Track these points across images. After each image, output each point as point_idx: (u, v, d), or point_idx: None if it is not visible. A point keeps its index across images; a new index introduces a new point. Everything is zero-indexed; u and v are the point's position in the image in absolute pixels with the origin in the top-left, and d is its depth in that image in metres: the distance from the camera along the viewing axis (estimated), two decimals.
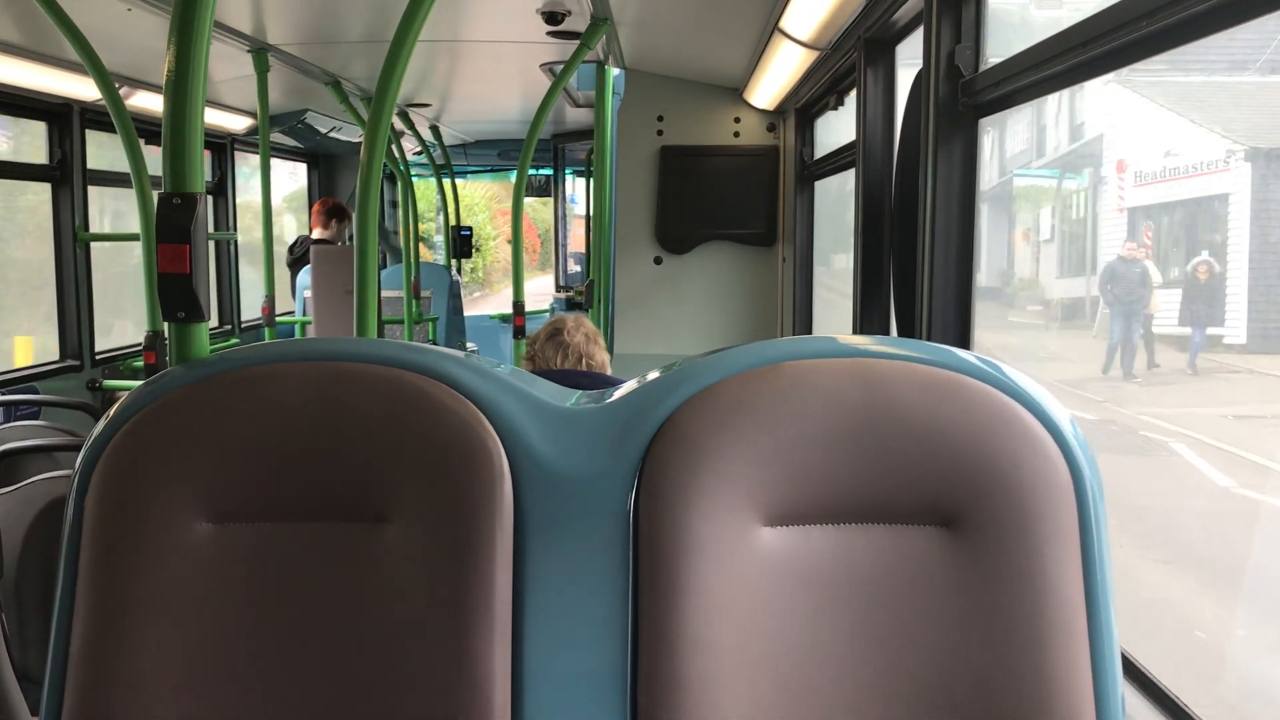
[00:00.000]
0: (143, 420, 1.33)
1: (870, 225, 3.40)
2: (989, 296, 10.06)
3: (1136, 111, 8.33)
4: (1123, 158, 8.37)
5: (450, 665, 1.27)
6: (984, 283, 9.54)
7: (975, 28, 2.41)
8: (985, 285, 9.76)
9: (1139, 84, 8.22)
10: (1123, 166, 8.34)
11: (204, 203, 1.51)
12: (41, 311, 5.43)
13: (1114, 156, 8.62)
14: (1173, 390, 8.62)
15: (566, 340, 2.90)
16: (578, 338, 2.92)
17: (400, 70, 2.38)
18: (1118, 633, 1.28)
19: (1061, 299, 9.85)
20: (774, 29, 3.85)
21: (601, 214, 5.19)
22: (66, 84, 4.76)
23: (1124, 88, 8.23)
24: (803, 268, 5.16)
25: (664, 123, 5.38)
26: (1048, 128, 9.80)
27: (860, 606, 1.28)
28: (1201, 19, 1.51)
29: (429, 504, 1.30)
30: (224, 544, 1.31)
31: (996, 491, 1.27)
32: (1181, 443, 7.39)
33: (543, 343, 2.94)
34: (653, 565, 1.27)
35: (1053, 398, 1.32)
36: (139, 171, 4.00)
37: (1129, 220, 8.66)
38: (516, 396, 1.36)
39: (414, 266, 6.62)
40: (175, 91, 1.49)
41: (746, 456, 1.28)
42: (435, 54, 5.08)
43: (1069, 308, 9.70)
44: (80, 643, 1.29)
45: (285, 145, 8.01)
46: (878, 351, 1.34)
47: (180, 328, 1.51)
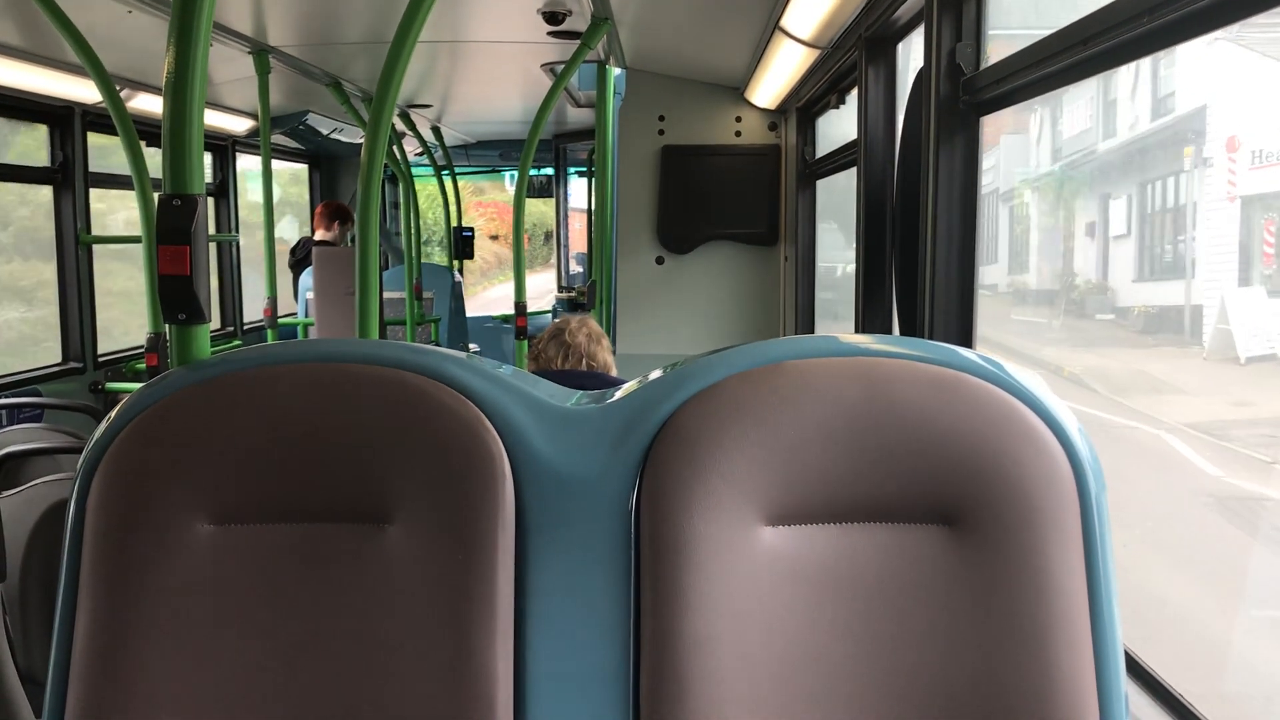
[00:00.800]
0: (144, 422, 1.33)
1: (872, 224, 3.40)
2: (1042, 301, 9.06)
3: (1255, 76, 6.39)
4: (1234, 134, 6.62)
5: (452, 665, 1.27)
6: (1034, 284, 9.03)
7: (976, 26, 2.41)
8: (1037, 288, 9.00)
9: (1257, 41, 6.26)
10: (1235, 144, 6.60)
11: (204, 204, 1.51)
12: None
13: (1221, 132, 6.80)
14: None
15: (568, 341, 2.91)
16: (579, 338, 2.92)
17: (401, 71, 2.38)
18: (1120, 630, 1.28)
19: (1144, 308, 7.87)
20: (775, 28, 3.85)
21: (603, 214, 5.19)
22: (67, 86, 4.76)
23: (1237, 46, 6.28)
24: (805, 267, 5.16)
25: (665, 122, 5.38)
26: (1119, 102, 8.02)
27: (863, 606, 1.28)
28: (1201, 15, 1.51)
29: (431, 505, 1.30)
30: (226, 545, 1.32)
31: (999, 490, 1.27)
32: None
33: (545, 343, 2.94)
34: (654, 565, 1.27)
35: (1055, 396, 1.32)
36: (140, 173, 4.00)
37: (1242, 211, 6.79)
38: (518, 397, 1.36)
39: (416, 267, 6.63)
40: (175, 93, 1.49)
41: (748, 456, 1.28)
42: (436, 54, 5.09)
43: (1158, 319, 7.67)
44: (83, 644, 1.29)
45: (286, 146, 8.02)
46: (880, 350, 1.34)
47: (181, 330, 1.51)
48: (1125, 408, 6.77)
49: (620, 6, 3.95)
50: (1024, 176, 9.02)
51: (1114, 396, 5.93)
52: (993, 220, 9.17)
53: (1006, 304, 9.05)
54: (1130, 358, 7.76)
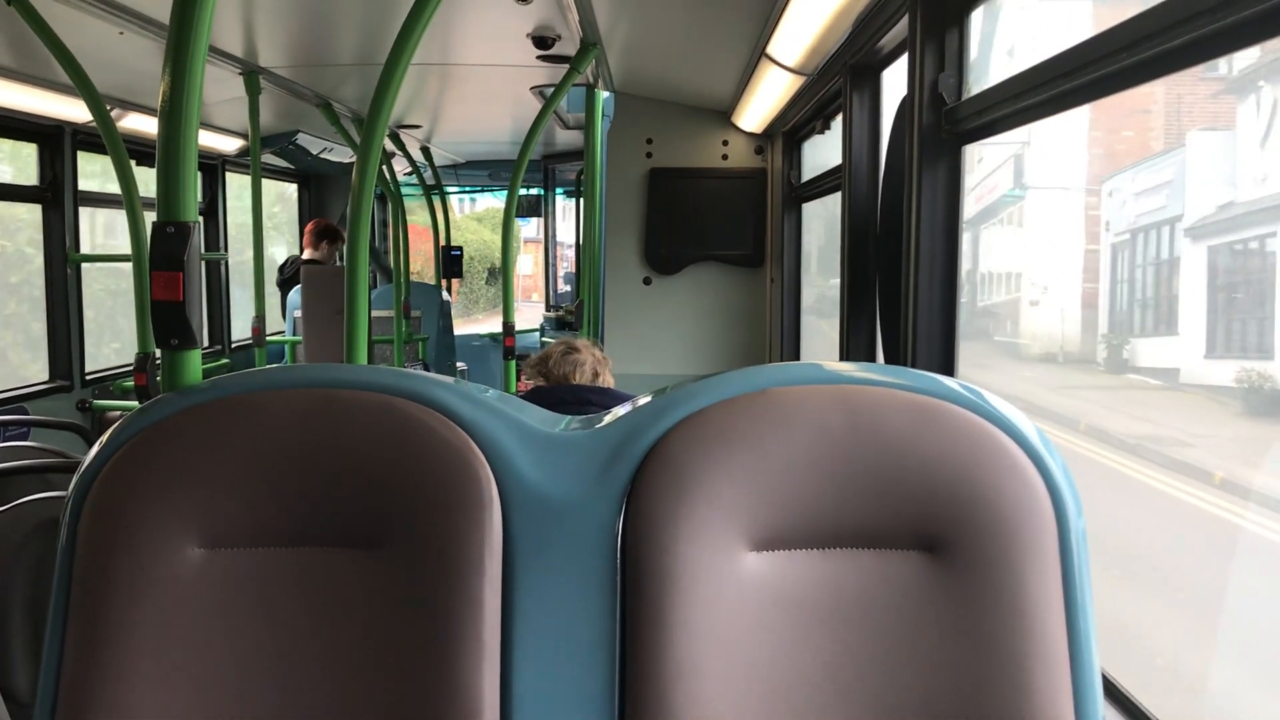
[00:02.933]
0: (136, 446, 1.35)
1: (855, 250, 3.43)
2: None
3: None
4: None
5: (440, 690, 1.28)
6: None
7: (959, 56, 2.45)
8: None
9: None
10: None
11: (198, 230, 1.52)
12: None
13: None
14: None
15: (581, 359, 2.94)
16: (589, 358, 2.95)
17: (392, 92, 2.40)
18: (1098, 656, 1.30)
19: None
20: (761, 54, 3.89)
21: (591, 235, 5.22)
22: (58, 106, 4.77)
23: None
24: (790, 289, 5.19)
25: (653, 145, 5.42)
26: None
27: (845, 631, 1.29)
28: (1182, 51, 1.54)
29: (419, 529, 1.32)
30: (216, 570, 1.33)
31: (979, 517, 1.29)
32: None
33: (558, 357, 2.96)
34: (640, 590, 1.29)
35: (1033, 425, 1.35)
36: (130, 193, 4.01)
37: None
38: (505, 422, 1.37)
39: (404, 287, 6.64)
40: (169, 120, 1.51)
41: (733, 482, 1.30)
42: (426, 77, 5.11)
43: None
44: (73, 666, 1.30)
45: (276, 166, 8.03)
46: (862, 378, 1.36)
47: (173, 354, 1.52)
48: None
49: (609, 32, 3.99)
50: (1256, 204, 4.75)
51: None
52: (1164, 270, 5.72)
53: (1214, 405, 5.08)
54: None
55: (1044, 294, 8.32)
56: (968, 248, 7.74)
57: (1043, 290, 8.33)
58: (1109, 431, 6.20)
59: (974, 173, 8.39)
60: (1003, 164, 8.54)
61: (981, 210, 8.91)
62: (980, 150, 5.36)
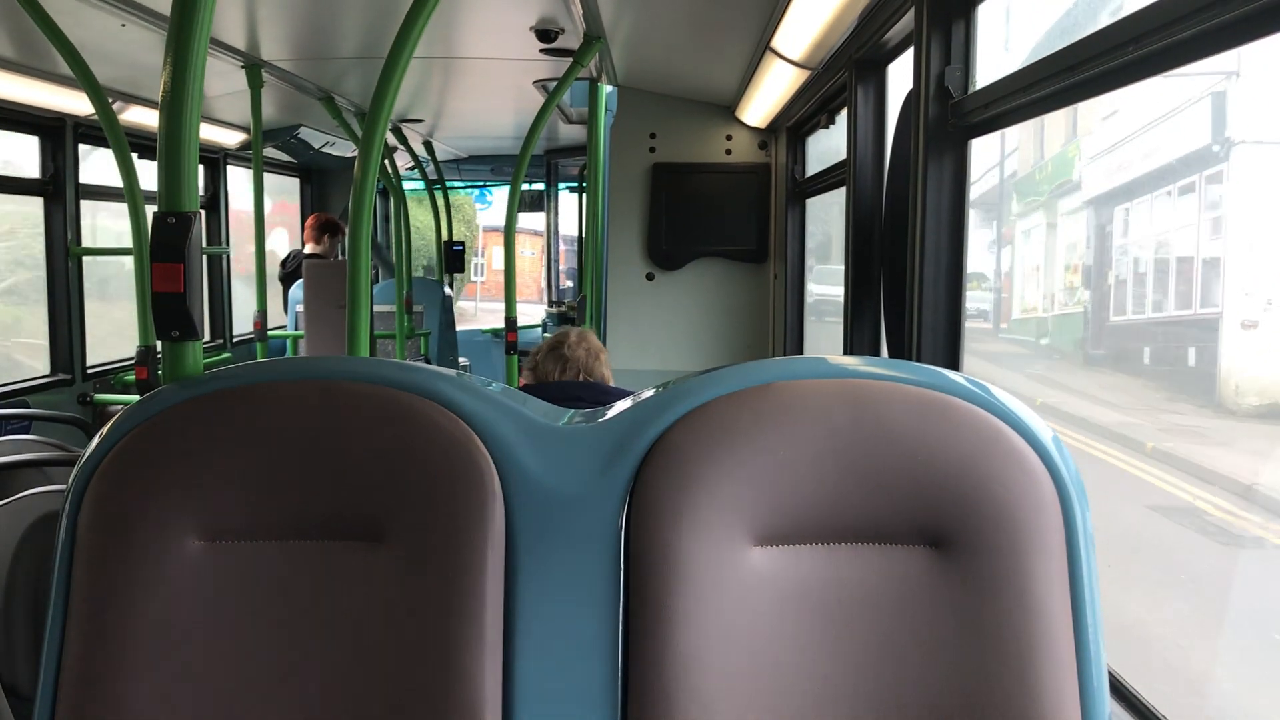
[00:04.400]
0: (136, 439, 1.34)
1: (860, 245, 3.42)
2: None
3: None
4: None
5: (441, 683, 1.27)
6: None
7: (965, 49, 2.44)
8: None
9: None
10: None
11: (199, 221, 1.51)
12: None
13: None
14: None
15: (567, 355, 2.91)
16: (579, 352, 2.92)
17: (394, 86, 2.39)
18: (1104, 651, 1.29)
19: None
20: (766, 48, 3.88)
21: (594, 230, 5.21)
22: (60, 99, 4.77)
23: None
24: (794, 285, 5.18)
25: (656, 139, 5.41)
26: None
27: (849, 626, 1.29)
28: (1189, 44, 1.53)
29: (421, 522, 1.31)
30: (217, 562, 1.32)
31: (984, 512, 1.28)
32: None
33: (544, 355, 2.94)
34: (643, 584, 1.28)
35: (1040, 419, 1.34)
36: (131, 186, 4.00)
37: None
38: (509, 415, 1.37)
39: (406, 281, 6.64)
40: (171, 111, 1.50)
41: (737, 476, 1.29)
42: (429, 70, 5.10)
43: None
44: (73, 660, 1.29)
45: (278, 160, 8.02)
46: (867, 372, 1.36)
47: (174, 346, 1.52)
48: None
49: (613, 25, 3.98)
50: None
51: None
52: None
53: None
54: None
55: (1268, 309, 4.85)
56: (1103, 227, 6.09)
57: (1265, 304, 4.88)
58: None
59: (1110, 119, 6.06)
60: (1180, 109, 5.17)
61: (1135, 179, 5.91)
62: (1128, 95, 3.72)
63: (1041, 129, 7.32)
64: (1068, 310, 7.22)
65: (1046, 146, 7.55)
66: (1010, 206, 7.85)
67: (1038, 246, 7.89)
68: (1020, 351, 7.62)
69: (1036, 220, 7.94)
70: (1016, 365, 7.37)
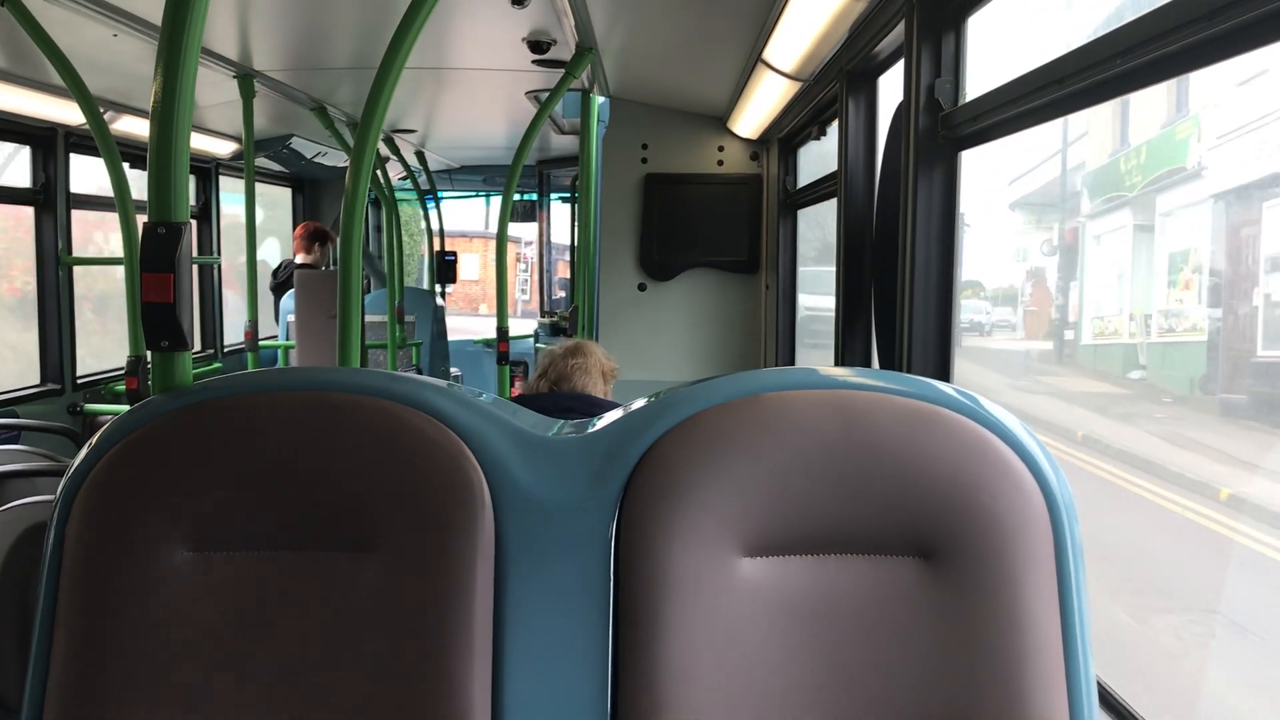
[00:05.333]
0: (125, 448, 1.33)
1: (851, 256, 3.43)
2: None
3: None
4: None
5: (430, 694, 1.27)
6: None
7: (955, 62, 2.45)
8: None
9: None
10: None
11: (189, 231, 1.51)
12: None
13: None
14: None
15: (553, 364, 2.93)
16: (562, 364, 2.94)
17: (386, 97, 2.39)
18: (1093, 663, 1.29)
19: None
20: (757, 60, 3.89)
21: (586, 240, 5.21)
22: (51, 108, 4.76)
23: None
24: (785, 295, 5.19)
25: (648, 150, 5.42)
26: None
27: (839, 637, 1.28)
28: (1176, 57, 1.54)
29: (411, 533, 1.31)
30: (205, 573, 1.31)
31: (973, 523, 1.28)
32: None
33: (559, 356, 2.96)
34: (633, 595, 1.28)
35: (1030, 431, 1.34)
36: (122, 196, 3.99)
37: None
38: (499, 426, 1.37)
39: (398, 291, 6.62)
40: (161, 121, 1.49)
41: (727, 487, 1.29)
42: (421, 81, 5.10)
43: None
44: (60, 670, 1.29)
45: (270, 170, 8.02)
46: (857, 383, 1.36)
47: (163, 356, 1.51)
48: None
49: (605, 36, 3.99)
50: None
51: None
52: None
53: None
54: None
55: None
56: (1238, 229, 4.45)
57: None
58: None
59: (1251, 83, 4.55)
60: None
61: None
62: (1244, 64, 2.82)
63: (1125, 106, 5.49)
64: (1178, 337, 5.58)
65: (1134, 128, 5.78)
66: (1076, 204, 6.11)
67: (1119, 254, 6.18)
68: (1109, 391, 5.79)
69: (1119, 221, 6.19)
70: (1120, 412, 5.31)
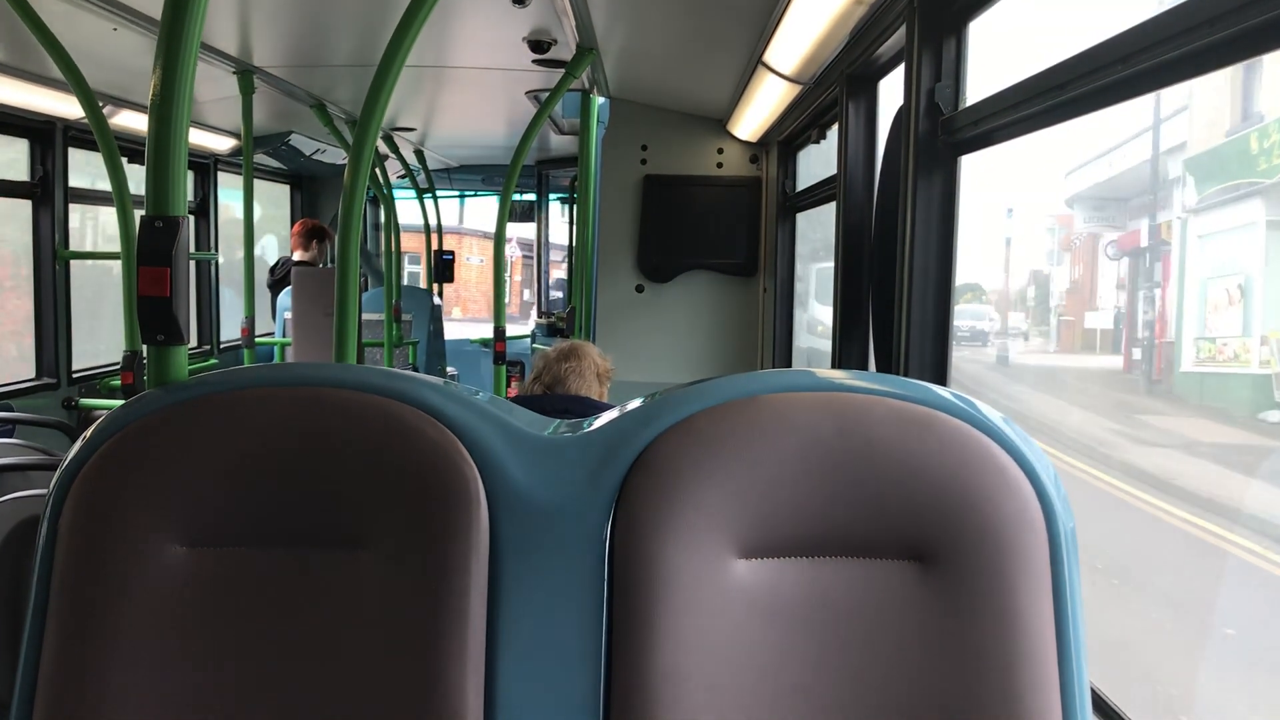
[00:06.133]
0: (119, 443, 1.33)
1: (850, 259, 3.43)
2: None
3: None
4: None
5: (423, 693, 1.26)
6: None
7: (955, 66, 2.45)
8: None
9: None
10: None
11: (186, 225, 1.51)
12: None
13: None
14: None
15: (581, 364, 2.93)
16: (557, 365, 2.93)
17: (386, 94, 2.39)
18: (1087, 668, 1.29)
19: None
20: (758, 62, 3.89)
21: (584, 241, 5.21)
22: (50, 102, 4.75)
23: None
24: (783, 298, 5.19)
25: (648, 151, 5.41)
26: None
27: (833, 640, 1.28)
28: (1176, 64, 1.54)
29: (405, 530, 1.30)
30: (198, 568, 1.31)
31: (969, 527, 1.28)
32: None
33: (553, 359, 2.96)
34: (627, 596, 1.28)
35: (1026, 435, 1.34)
36: (121, 190, 3.98)
37: None
38: (494, 424, 1.36)
39: (395, 290, 6.62)
40: (160, 115, 1.49)
41: (722, 489, 1.29)
42: (421, 79, 5.10)
43: None
44: (51, 665, 1.28)
45: (268, 166, 8.01)
46: (853, 386, 1.35)
47: (159, 350, 1.51)
48: None
49: (605, 37, 3.98)
50: None
51: None
52: None
53: None
54: None
55: None
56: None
57: None
58: None
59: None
60: None
61: None
62: None
63: (1253, 69, 4.25)
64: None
65: (1266, 98, 4.69)
66: (1175, 196, 5.09)
67: (1239, 257, 5.12)
68: (1248, 442, 4.63)
69: (1241, 215, 5.19)
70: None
